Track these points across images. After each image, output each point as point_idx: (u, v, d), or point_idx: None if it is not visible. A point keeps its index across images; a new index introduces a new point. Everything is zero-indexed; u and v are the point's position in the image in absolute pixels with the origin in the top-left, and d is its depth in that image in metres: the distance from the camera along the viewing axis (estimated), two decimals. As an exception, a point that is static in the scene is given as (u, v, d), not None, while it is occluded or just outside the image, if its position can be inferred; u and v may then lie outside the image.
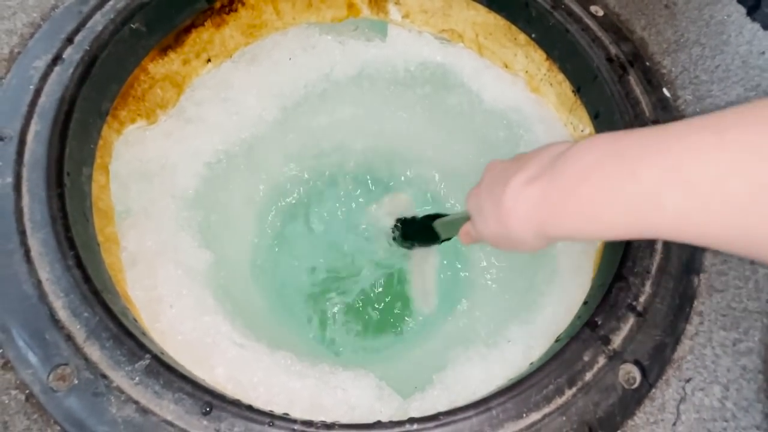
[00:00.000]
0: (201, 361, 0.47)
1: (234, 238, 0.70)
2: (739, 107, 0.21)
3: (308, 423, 0.34)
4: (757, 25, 0.57)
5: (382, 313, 0.75)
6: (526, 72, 0.69)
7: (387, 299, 0.75)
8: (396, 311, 0.75)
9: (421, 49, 0.74)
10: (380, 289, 0.75)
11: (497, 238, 0.32)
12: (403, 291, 0.75)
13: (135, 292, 0.50)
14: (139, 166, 0.60)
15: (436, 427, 0.34)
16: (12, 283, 0.36)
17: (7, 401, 0.34)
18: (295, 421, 0.34)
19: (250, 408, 0.34)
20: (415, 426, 0.34)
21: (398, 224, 0.68)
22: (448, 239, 0.58)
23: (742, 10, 0.58)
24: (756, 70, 0.53)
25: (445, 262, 0.77)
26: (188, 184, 0.65)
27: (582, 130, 0.62)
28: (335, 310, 0.73)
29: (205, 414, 0.33)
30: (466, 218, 0.43)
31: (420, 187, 0.79)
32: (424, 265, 0.69)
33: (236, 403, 0.34)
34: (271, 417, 0.34)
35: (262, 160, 0.74)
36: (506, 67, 0.71)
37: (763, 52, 0.54)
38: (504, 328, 0.58)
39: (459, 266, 0.77)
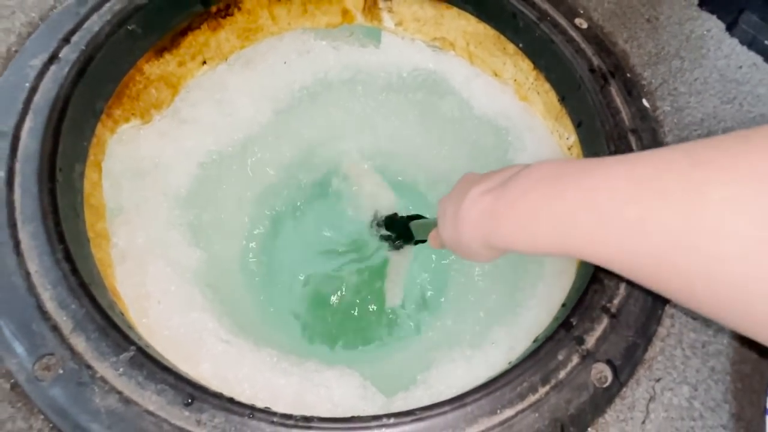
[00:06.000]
0: (187, 357, 0.47)
1: (224, 238, 0.70)
2: (663, 148, 0.23)
3: (287, 416, 0.35)
4: (735, 41, 0.59)
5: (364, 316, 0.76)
6: (515, 80, 0.70)
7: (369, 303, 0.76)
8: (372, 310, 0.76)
9: (414, 56, 0.76)
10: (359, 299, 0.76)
11: (453, 243, 0.34)
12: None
13: (123, 288, 0.50)
14: (132, 164, 0.61)
15: (413, 421, 0.35)
16: (1, 275, 0.37)
17: (-8, 390, 0.34)
18: (274, 414, 0.35)
19: (231, 400, 0.35)
20: (392, 420, 0.35)
21: (381, 218, 0.72)
22: (423, 241, 0.60)
23: (722, 25, 0.60)
24: (733, 83, 0.55)
25: (433, 256, 0.79)
26: (181, 183, 0.66)
27: (567, 138, 0.64)
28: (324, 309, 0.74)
29: (187, 405, 0.34)
30: (436, 223, 0.45)
31: (410, 192, 0.80)
32: (399, 263, 0.72)
33: (218, 395, 0.35)
34: (251, 409, 0.35)
35: (254, 162, 0.75)
36: (496, 75, 0.72)
37: (740, 67, 0.56)
38: (489, 329, 0.59)
39: (447, 264, 0.78)
